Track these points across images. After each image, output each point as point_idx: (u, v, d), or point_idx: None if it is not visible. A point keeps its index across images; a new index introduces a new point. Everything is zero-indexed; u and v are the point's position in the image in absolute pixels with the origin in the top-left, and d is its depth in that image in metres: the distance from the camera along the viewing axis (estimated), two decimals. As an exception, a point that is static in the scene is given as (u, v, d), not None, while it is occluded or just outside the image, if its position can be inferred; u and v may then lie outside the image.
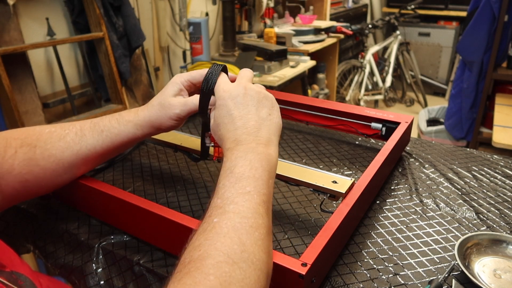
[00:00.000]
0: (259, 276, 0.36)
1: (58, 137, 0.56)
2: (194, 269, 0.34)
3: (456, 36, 3.98)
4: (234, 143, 0.47)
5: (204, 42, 2.26)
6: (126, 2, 1.76)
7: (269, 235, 0.41)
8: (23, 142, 0.54)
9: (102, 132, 0.57)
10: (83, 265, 0.62)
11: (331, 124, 0.89)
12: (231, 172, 0.44)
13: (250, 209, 0.40)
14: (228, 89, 0.51)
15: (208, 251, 0.36)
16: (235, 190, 0.42)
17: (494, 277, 0.51)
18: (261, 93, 0.51)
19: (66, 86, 1.72)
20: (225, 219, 0.39)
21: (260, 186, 0.43)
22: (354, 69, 3.63)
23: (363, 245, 0.59)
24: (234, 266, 0.35)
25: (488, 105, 2.31)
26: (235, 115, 0.49)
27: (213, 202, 0.42)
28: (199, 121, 1.03)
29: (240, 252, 0.36)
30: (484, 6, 2.11)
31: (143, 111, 0.58)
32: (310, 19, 2.90)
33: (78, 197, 0.65)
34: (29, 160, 0.54)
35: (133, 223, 0.59)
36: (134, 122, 0.57)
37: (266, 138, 0.48)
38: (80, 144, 0.56)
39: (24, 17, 1.57)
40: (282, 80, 2.11)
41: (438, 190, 0.73)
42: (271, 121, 0.50)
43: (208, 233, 0.38)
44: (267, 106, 0.51)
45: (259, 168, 0.44)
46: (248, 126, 0.48)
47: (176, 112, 0.56)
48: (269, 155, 0.46)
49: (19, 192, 0.54)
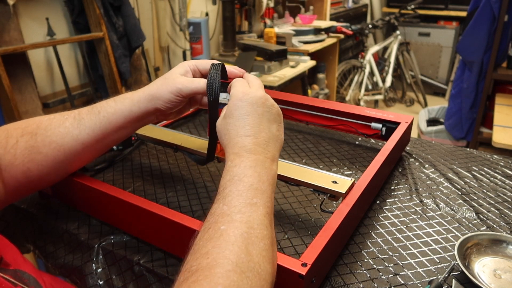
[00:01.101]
0: (263, 286, 0.36)
1: (57, 124, 0.56)
2: (203, 278, 0.34)
3: (456, 36, 3.98)
4: (243, 150, 0.47)
5: (204, 42, 2.26)
6: (126, 2, 1.76)
7: (273, 245, 0.41)
8: (23, 131, 0.55)
9: (99, 113, 0.57)
10: (83, 265, 0.62)
11: (331, 124, 0.89)
12: (240, 180, 0.44)
13: (256, 220, 0.40)
14: (248, 93, 0.50)
15: (216, 259, 0.36)
16: (243, 199, 0.42)
17: (494, 277, 0.51)
18: (274, 107, 0.51)
19: (66, 86, 1.72)
20: (232, 228, 0.39)
21: (266, 198, 0.43)
22: (354, 69, 3.63)
23: (363, 245, 0.59)
24: (242, 276, 0.35)
25: (488, 105, 2.31)
26: (248, 121, 0.48)
27: (219, 208, 0.42)
28: (199, 121, 1.03)
29: (247, 262, 0.36)
30: (484, 6, 2.11)
31: (143, 88, 0.57)
32: (310, 19, 2.90)
33: (78, 197, 0.65)
34: (31, 148, 0.54)
35: (133, 223, 0.59)
36: (131, 98, 0.57)
37: (273, 154, 0.49)
38: (79, 128, 0.56)
39: (24, 17, 1.57)
40: (282, 80, 2.11)
41: (438, 190, 0.73)
42: (278, 138, 0.51)
43: (216, 241, 0.38)
44: (277, 122, 0.51)
45: (265, 182, 0.45)
46: (259, 137, 0.48)
47: (179, 87, 0.55)
48: (273, 171, 0.47)
49: (22, 184, 0.54)
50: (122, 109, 0.56)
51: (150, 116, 0.59)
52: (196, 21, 2.21)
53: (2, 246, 0.50)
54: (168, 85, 0.55)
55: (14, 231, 0.75)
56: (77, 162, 0.60)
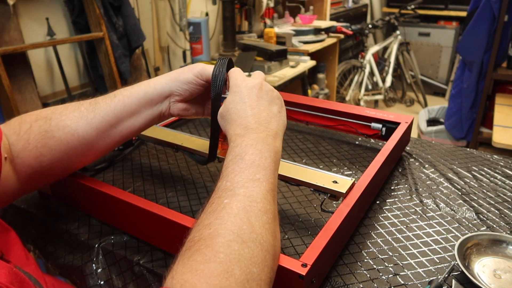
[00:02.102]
0: (265, 256, 0.38)
1: (72, 108, 0.57)
2: (204, 247, 0.35)
3: (456, 36, 3.98)
4: (244, 129, 0.48)
5: (204, 42, 2.26)
6: (126, 2, 1.76)
7: (275, 220, 0.43)
8: (38, 116, 0.55)
9: (114, 96, 0.58)
10: (83, 265, 0.62)
11: (331, 124, 0.89)
12: (242, 158, 0.45)
13: (259, 194, 0.42)
14: (245, 80, 0.53)
15: (218, 229, 0.37)
16: (245, 175, 0.43)
17: (494, 277, 0.51)
18: (274, 92, 0.54)
19: (66, 86, 1.72)
20: (235, 201, 0.40)
21: (269, 175, 0.44)
22: (354, 69, 3.63)
23: (363, 245, 0.59)
24: (243, 245, 0.36)
25: (488, 105, 2.31)
26: (248, 104, 0.50)
27: (222, 185, 0.43)
28: (199, 121, 1.03)
29: (249, 233, 0.38)
30: (484, 6, 2.11)
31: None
32: (310, 19, 2.90)
33: (78, 197, 0.65)
34: (45, 133, 0.54)
35: (133, 223, 0.59)
36: (147, 81, 0.59)
37: (275, 131, 0.50)
38: (94, 112, 0.56)
39: (24, 17, 1.57)
40: (282, 80, 2.11)
41: (438, 190, 0.73)
42: (280, 117, 0.52)
43: (218, 213, 0.39)
44: (278, 104, 0.53)
45: (268, 158, 0.46)
46: (260, 117, 0.49)
47: (200, 68, 0.57)
48: (276, 147, 0.48)
49: (34, 170, 0.54)
50: (138, 91, 0.57)
51: (164, 102, 0.59)
52: (196, 21, 2.21)
53: (8, 242, 0.50)
54: (189, 68, 0.58)
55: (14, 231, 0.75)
56: (90, 151, 0.58)
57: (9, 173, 0.52)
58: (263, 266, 0.37)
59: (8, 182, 0.52)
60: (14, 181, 0.53)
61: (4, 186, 0.51)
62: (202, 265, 0.34)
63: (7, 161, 0.51)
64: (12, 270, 0.37)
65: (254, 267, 0.36)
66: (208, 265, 0.34)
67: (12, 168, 0.52)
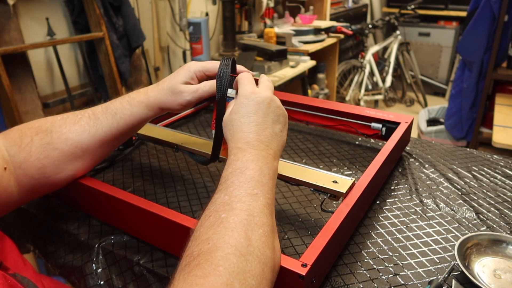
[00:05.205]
0: (263, 269, 0.38)
1: (72, 122, 0.58)
2: (204, 261, 0.36)
3: (456, 36, 3.98)
4: (246, 144, 0.48)
5: (204, 42, 2.25)
6: (126, 2, 1.76)
7: (273, 233, 0.43)
8: (37, 130, 0.56)
9: (115, 114, 0.59)
10: (83, 265, 0.62)
11: (331, 124, 0.89)
12: (242, 172, 0.45)
13: (256, 208, 0.42)
14: (255, 92, 0.52)
15: (217, 244, 0.38)
16: (244, 190, 0.44)
17: (494, 277, 0.51)
18: (281, 109, 0.53)
19: (66, 86, 1.71)
20: (233, 215, 0.41)
21: (266, 191, 0.45)
22: (354, 69, 3.63)
23: (363, 245, 0.59)
24: (241, 258, 0.37)
25: (488, 105, 2.31)
26: (253, 119, 0.50)
27: (220, 198, 0.43)
28: (199, 121, 1.03)
29: (247, 246, 0.38)
30: (484, 6, 2.11)
31: (153, 92, 0.59)
32: (310, 19, 2.90)
33: (78, 197, 0.65)
34: (47, 145, 0.55)
35: (133, 223, 0.59)
36: (146, 103, 0.59)
37: (275, 151, 0.50)
38: (96, 127, 0.58)
39: (24, 17, 1.57)
40: (282, 80, 2.11)
41: (438, 190, 0.73)
42: (281, 138, 0.52)
43: (216, 228, 0.40)
44: (282, 123, 0.53)
45: (266, 176, 0.46)
46: (263, 134, 0.50)
47: (187, 99, 0.58)
48: (274, 167, 0.49)
49: (36, 182, 0.55)
50: (139, 112, 0.59)
51: (162, 113, 0.62)
52: (196, 21, 2.21)
53: (5, 249, 0.50)
54: (176, 98, 0.58)
55: (14, 231, 0.75)
56: (92, 157, 0.61)
57: (9, 184, 0.52)
58: (261, 279, 0.37)
59: (8, 192, 0.52)
60: (15, 192, 0.53)
61: (3, 196, 0.52)
62: (202, 279, 0.34)
63: (7, 172, 0.52)
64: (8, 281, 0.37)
65: (252, 279, 0.36)
66: (208, 279, 0.34)
67: (13, 179, 0.53)
